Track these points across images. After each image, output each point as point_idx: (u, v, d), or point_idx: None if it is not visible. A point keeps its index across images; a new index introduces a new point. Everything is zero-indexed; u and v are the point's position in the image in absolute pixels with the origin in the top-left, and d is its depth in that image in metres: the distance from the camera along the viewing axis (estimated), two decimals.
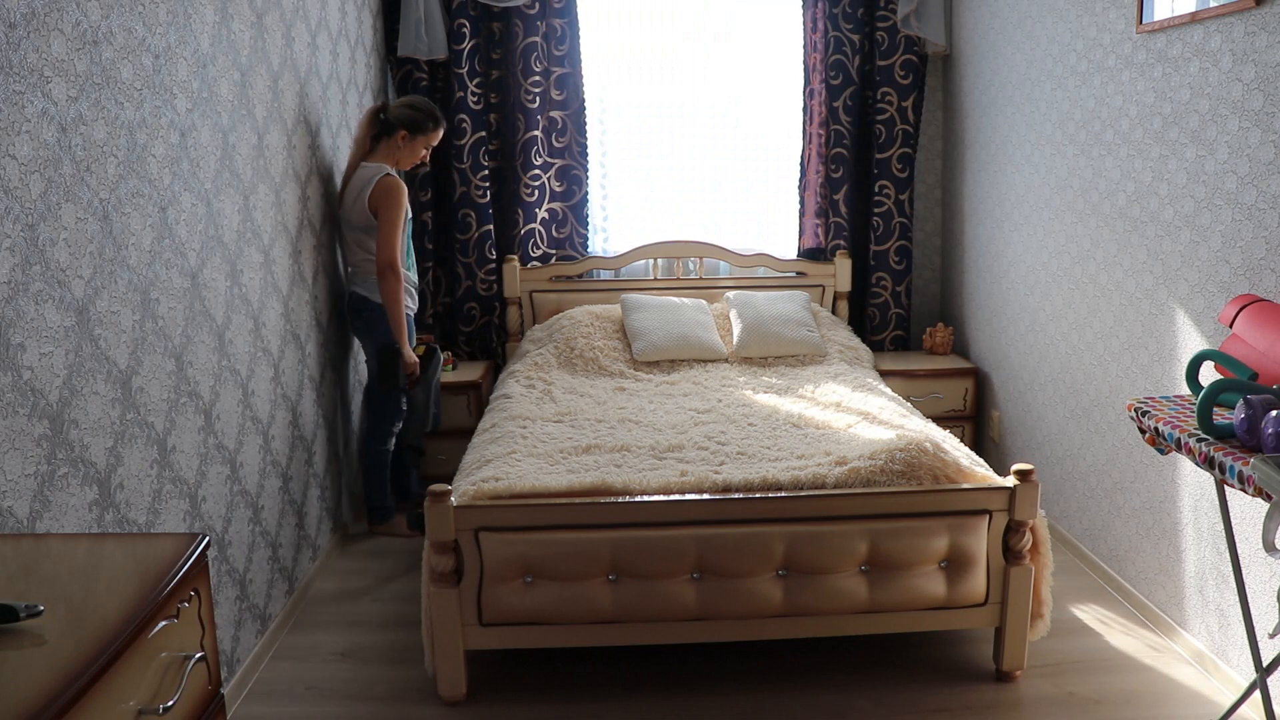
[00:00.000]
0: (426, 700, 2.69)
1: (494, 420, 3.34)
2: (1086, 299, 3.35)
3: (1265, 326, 2.22)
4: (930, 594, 2.63)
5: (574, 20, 4.41)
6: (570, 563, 2.55)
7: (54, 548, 1.56)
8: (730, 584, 2.59)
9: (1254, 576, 2.52)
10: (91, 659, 1.16)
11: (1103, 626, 3.04)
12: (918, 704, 2.64)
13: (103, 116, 2.05)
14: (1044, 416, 3.73)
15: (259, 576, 2.90)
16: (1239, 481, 1.81)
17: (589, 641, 2.63)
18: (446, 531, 2.53)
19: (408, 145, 3.60)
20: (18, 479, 1.76)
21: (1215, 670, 2.71)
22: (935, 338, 4.53)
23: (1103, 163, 3.22)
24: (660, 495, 2.61)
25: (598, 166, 4.67)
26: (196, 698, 1.44)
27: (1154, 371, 2.96)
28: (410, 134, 3.58)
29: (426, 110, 3.62)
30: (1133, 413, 2.23)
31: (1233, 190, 2.56)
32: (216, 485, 2.61)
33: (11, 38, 1.75)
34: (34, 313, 1.82)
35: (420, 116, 3.60)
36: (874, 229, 4.64)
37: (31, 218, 1.81)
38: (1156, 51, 2.88)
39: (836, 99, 4.52)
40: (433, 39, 4.30)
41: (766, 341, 4.13)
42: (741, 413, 3.35)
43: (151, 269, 2.26)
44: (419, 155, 3.66)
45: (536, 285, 4.59)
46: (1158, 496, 2.96)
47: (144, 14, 2.23)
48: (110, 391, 2.07)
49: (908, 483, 2.64)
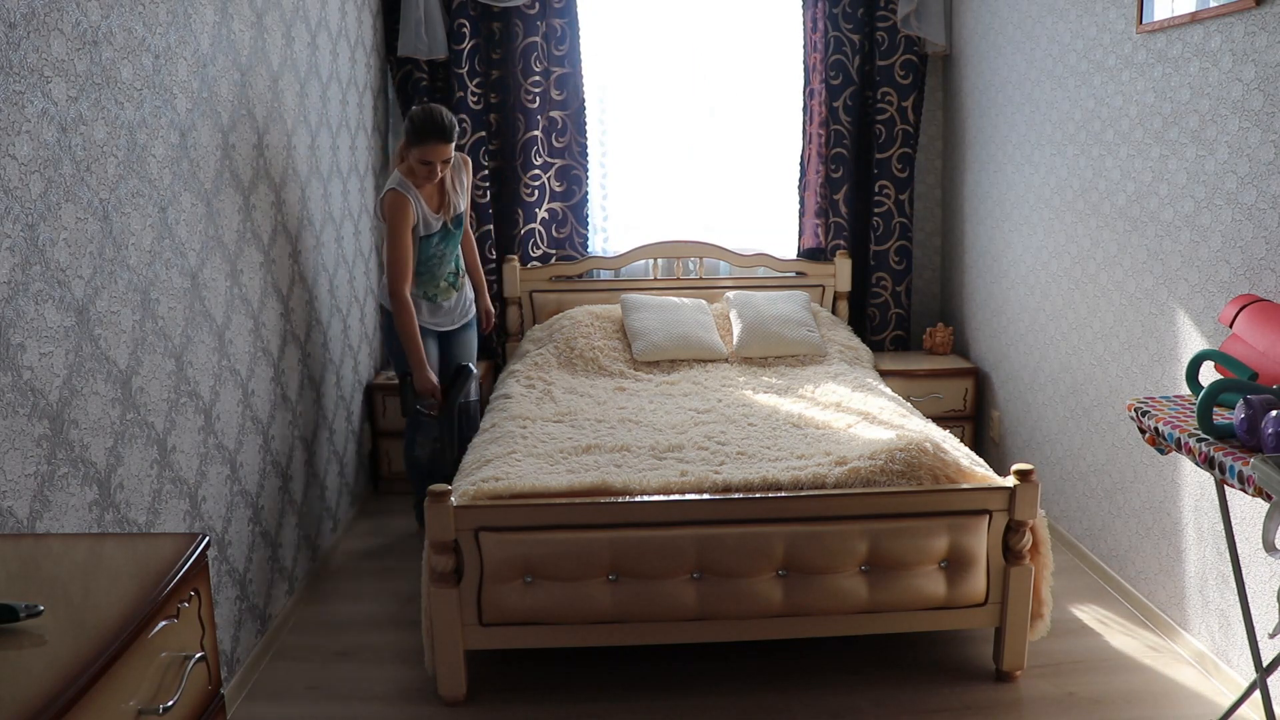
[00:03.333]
0: (426, 700, 2.69)
1: (494, 420, 3.34)
2: (1086, 299, 3.35)
3: (1265, 326, 2.22)
4: (930, 594, 2.63)
5: (574, 20, 4.41)
6: (570, 563, 2.55)
7: (54, 548, 1.56)
8: (730, 584, 2.59)
9: (1254, 576, 2.52)
10: (91, 659, 1.16)
11: (1103, 626, 3.04)
12: (918, 704, 2.64)
13: (103, 116, 2.05)
14: (1044, 416, 3.73)
15: (259, 576, 2.90)
16: (1239, 481, 1.81)
17: (589, 641, 2.63)
18: (446, 531, 2.53)
19: (410, 155, 3.30)
20: (18, 479, 1.76)
21: (1216, 671, 2.70)
22: (935, 338, 4.53)
23: (1103, 163, 3.22)
24: (660, 495, 2.60)
25: (598, 166, 4.67)
26: (196, 698, 1.44)
27: (1154, 371, 2.96)
28: (406, 145, 3.31)
29: (419, 121, 3.25)
30: (1133, 413, 2.23)
31: (1233, 190, 2.56)
32: (216, 485, 2.61)
33: (11, 38, 1.75)
34: (34, 313, 1.82)
35: (408, 127, 3.28)
36: (874, 229, 4.64)
37: (31, 218, 1.81)
38: (1156, 51, 2.88)
39: (836, 99, 4.52)
40: (433, 39, 4.30)
41: (766, 341, 4.13)
42: (741, 413, 3.35)
43: (151, 269, 2.26)
44: (420, 170, 3.30)
45: (536, 285, 4.59)
46: (1158, 496, 2.96)
47: (144, 14, 2.22)
48: (110, 391, 2.07)
49: (908, 483, 2.64)
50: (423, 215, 3.36)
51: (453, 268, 3.57)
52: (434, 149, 3.25)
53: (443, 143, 3.25)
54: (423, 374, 3.35)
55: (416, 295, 3.46)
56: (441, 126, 3.25)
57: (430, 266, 3.47)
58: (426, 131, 3.23)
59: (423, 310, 3.51)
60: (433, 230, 3.41)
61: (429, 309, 3.54)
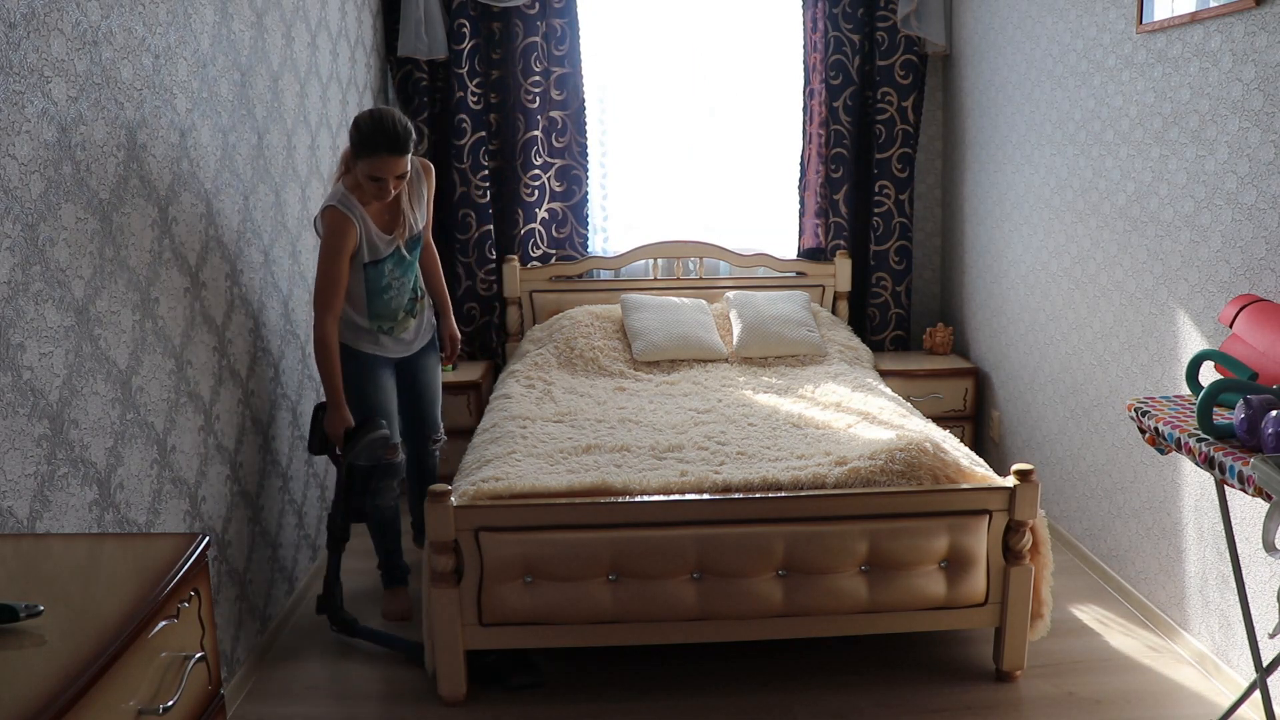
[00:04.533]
0: (426, 700, 2.69)
1: (494, 420, 3.34)
2: (1086, 299, 3.35)
3: (1265, 326, 2.22)
4: (930, 594, 2.63)
5: (574, 20, 4.41)
6: (570, 563, 2.55)
7: (54, 548, 1.56)
8: (730, 584, 2.59)
9: (1254, 576, 2.52)
10: (91, 659, 1.16)
11: (1103, 626, 3.04)
12: (918, 704, 2.64)
13: (103, 116, 2.05)
14: (1044, 416, 3.73)
15: (259, 576, 2.90)
16: (1239, 481, 1.81)
17: (589, 641, 2.63)
18: (446, 531, 2.53)
19: (356, 169, 2.76)
20: (18, 479, 1.76)
21: (1216, 672, 2.70)
22: (935, 338, 4.53)
23: (1103, 163, 3.22)
24: (660, 495, 2.60)
25: (598, 166, 4.67)
26: (196, 698, 1.44)
27: (1154, 371, 2.96)
28: (353, 154, 2.76)
29: (365, 128, 2.68)
30: (1133, 413, 2.23)
31: (1233, 190, 2.56)
32: (216, 485, 2.61)
33: (11, 38, 1.75)
34: (34, 313, 1.82)
35: (354, 135, 2.71)
36: (874, 229, 4.64)
37: (31, 218, 1.81)
38: (1156, 51, 2.88)
39: (836, 99, 4.52)
40: (433, 39, 4.30)
41: (766, 341, 4.13)
42: (741, 413, 3.35)
43: (152, 269, 2.26)
44: (369, 187, 2.75)
45: (536, 285, 4.59)
46: (1158, 496, 2.96)
47: (144, 14, 2.22)
48: (110, 391, 2.07)
49: (908, 483, 2.64)
50: (368, 240, 2.83)
51: (412, 294, 3.04)
52: (384, 163, 2.69)
53: (395, 155, 2.69)
54: (339, 414, 2.84)
55: (371, 330, 2.97)
56: (394, 136, 2.68)
57: (385, 300, 2.94)
58: (375, 143, 2.67)
59: (380, 341, 3.01)
60: (381, 255, 2.87)
61: (389, 342, 3.04)
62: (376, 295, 2.93)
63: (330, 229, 2.77)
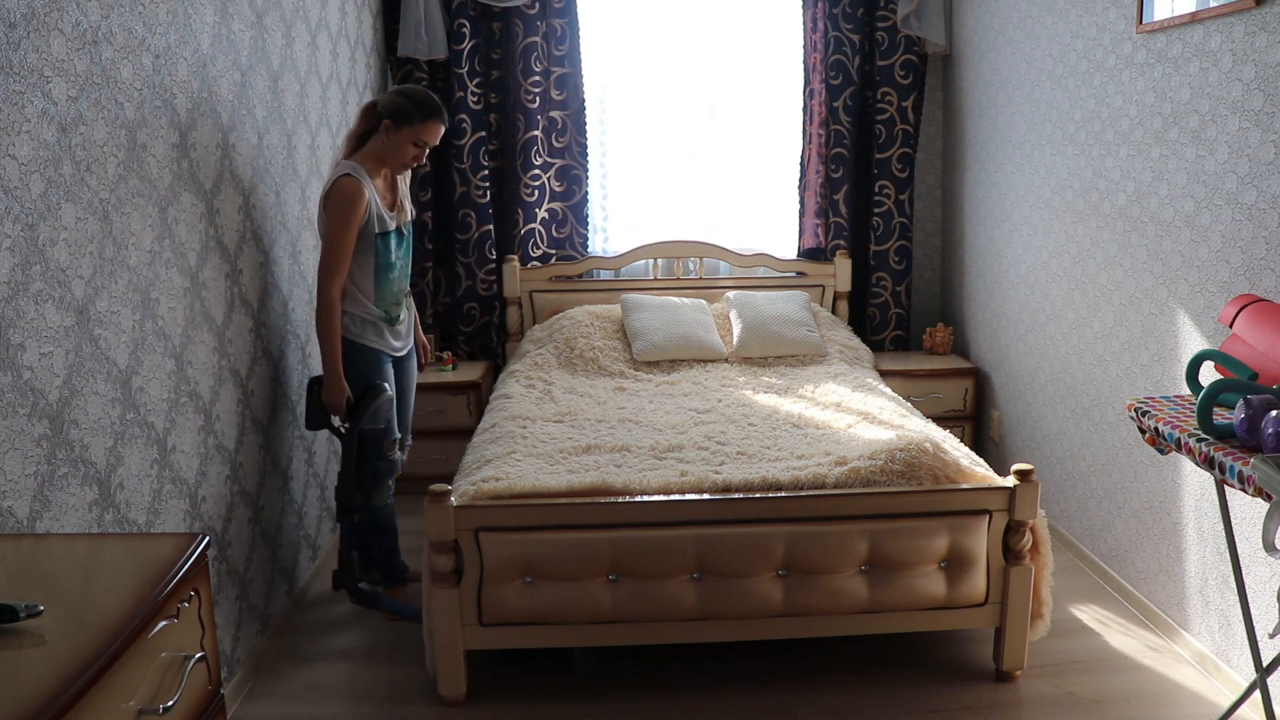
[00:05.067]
0: (426, 700, 2.69)
1: (494, 420, 3.34)
2: (1086, 299, 3.35)
3: (1265, 326, 2.22)
4: (930, 594, 2.63)
5: (574, 20, 4.42)
6: (570, 563, 2.55)
7: (54, 548, 1.56)
8: (730, 584, 2.59)
9: (1254, 576, 2.52)
10: (91, 659, 1.16)
11: (1103, 627, 3.04)
12: (918, 704, 2.64)
13: (103, 116, 2.05)
14: (1044, 416, 3.73)
15: (259, 576, 2.90)
16: (1239, 481, 1.81)
17: (589, 641, 2.63)
18: (447, 531, 2.53)
19: (392, 138, 2.93)
20: (18, 479, 1.76)
21: (1217, 672, 2.70)
22: (935, 338, 4.53)
23: (1103, 163, 3.22)
24: (660, 495, 2.60)
25: (598, 166, 4.67)
26: (196, 698, 1.44)
27: (1154, 371, 2.96)
28: (395, 124, 2.92)
29: (416, 99, 2.95)
30: (1133, 413, 2.23)
31: (1233, 190, 2.56)
32: (216, 485, 2.61)
33: (11, 38, 1.75)
34: (34, 313, 1.82)
35: (406, 104, 2.93)
36: (874, 229, 4.64)
37: (31, 218, 1.81)
38: (1156, 51, 2.88)
39: (836, 99, 4.52)
40: (433, 39, 4.30)
41: (766, 341, 4.13)
42: (741, 413, 3.35)
43: (151, 269, 2.26)
44: (408, 153, 2.96)
45: (536, 285, 4.59)
46: (1158, 496, 2.96)
47: (144, 14, 2.22)
48: (110, 391, 2.07)
49: (908, 483, 2.64)
50: (377, 210, 2.96)
51: (406, 284, 3.19)
52: (434, 127, 2.97)
53: (443, 123, 3.00)
54: (339, 384, 2.90)
55: (376, 318, 3.03)
56: (440, 106, 2.99)
57: (389, 280, 3.04)
58: (429, 108, 2.94)
59: (384, 334, 3.06)
60: (388, 228, 3.01)
61: (390, 333, 3.09)
62: (384, 273, 3.02)
63: (346, 194, 2.87)
